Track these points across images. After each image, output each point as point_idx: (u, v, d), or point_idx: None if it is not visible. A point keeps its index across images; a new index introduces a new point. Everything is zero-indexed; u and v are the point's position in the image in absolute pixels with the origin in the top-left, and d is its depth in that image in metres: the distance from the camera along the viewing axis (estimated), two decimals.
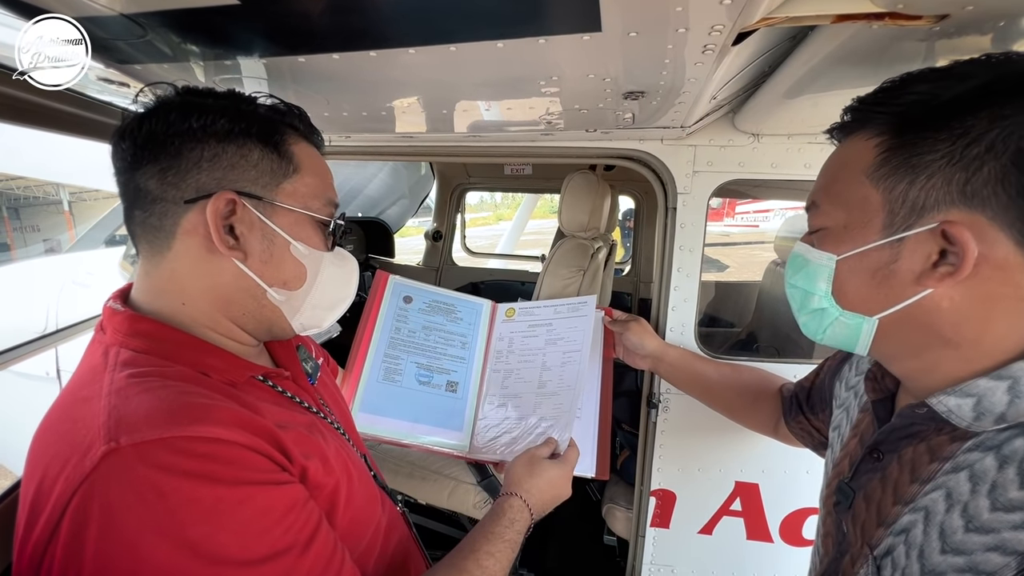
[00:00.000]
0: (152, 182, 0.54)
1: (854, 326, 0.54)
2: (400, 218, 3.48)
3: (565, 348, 1.21)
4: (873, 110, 0.52)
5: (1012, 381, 0.46)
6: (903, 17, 0.54)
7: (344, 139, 1.31)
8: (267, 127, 0.57)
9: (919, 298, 0.48)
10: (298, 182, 0.59)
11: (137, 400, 0.46)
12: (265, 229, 0.57)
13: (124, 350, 0.52)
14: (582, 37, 0.59)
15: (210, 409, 0.47)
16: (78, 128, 0.93)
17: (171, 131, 0.53)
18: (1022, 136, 0.42)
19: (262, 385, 0.61)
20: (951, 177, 0.45)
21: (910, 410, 0.54)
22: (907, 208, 0.48)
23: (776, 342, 2.02)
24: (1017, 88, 0.43)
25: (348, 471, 0.61)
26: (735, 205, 12.70)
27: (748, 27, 0.57)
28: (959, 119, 0.45)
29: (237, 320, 0.59)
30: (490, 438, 1.13)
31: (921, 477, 0.52)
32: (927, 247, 0.47)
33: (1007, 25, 0.55)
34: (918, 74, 0.49)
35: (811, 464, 1.13)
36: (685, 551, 1.39)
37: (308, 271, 0.60)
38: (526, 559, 1.83)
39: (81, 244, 3.57)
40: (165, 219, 0.54)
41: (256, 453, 0.48)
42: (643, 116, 1.00)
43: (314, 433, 0.59)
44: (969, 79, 0.45)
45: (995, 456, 0.46)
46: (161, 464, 0.42)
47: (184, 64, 0.75)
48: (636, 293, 3.04)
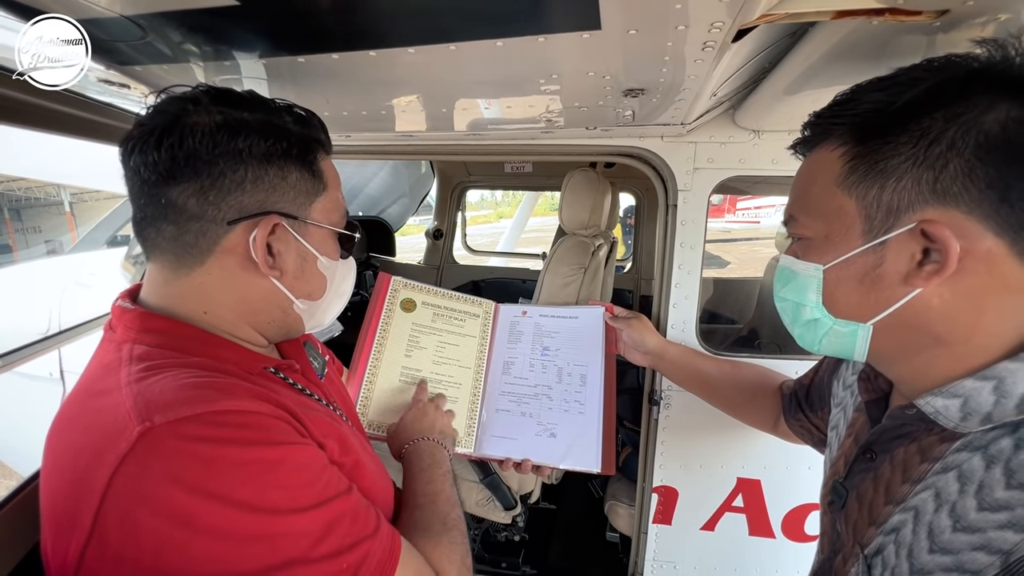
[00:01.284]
0: (191, 200, 0.52)
1: (849, 334, 0.54)
2: (401, 217, 3.48)
3: (572, 354, 1.22)
4: (831, 122, 0.53)
5: (997, 381, 0.46)
6: (903, 13, 0.54)
7: (344, 138, 1.32)
8: (304, 147, 0.58)
9: (909, 299, 0.48)
10: (326, 199, 0.61)
11: (161, 385, 0.47)
12: (299, 247, 0.59)
13: (138, 345, 0.53)
14: (582, 35, 0.59)
15: (232, 388, 0.50)
16: (79, 130, 0.94)
17: (217, 151, 0.52)
18: (980, 130, 0.43)
19: (274, 377, 0.62)
20: (919, 177, 0.46)
21: (900, 411, 0.54)
22: (883, 212, 0.48)
23: (778, 338, 2.02)
24: (965, 87, 0.44)
25: (364, 454, 0.62)
26: (736, 201, 12.67)
27: (748, 24, 0.57)
28: (916, 121, 0.46)
29: (260, 328, 0.61)
30: (494, 437, 1.13)
31: (912, 477, 0.52)
32: (910, 247, 0.47)
33: (1008, 20, 0.55)
34: (868, 84, 0.50)
35: (813, 460, 1.14)
36: (687, 547, 1.39)
37: (328, 281, 0.64)
38: (529, 556, 1.84)
39: (83, 245, 3.57)
40: (203, 237, 0.54)
41: (282, 421, 0.50)
42: (643, 113, 1.00)
43: (329, 418, 0.60)
44: (919, 83, 0.46)
45: (982, 456, 0.46)
46: (199, 436, 0.44)
47: (184, 65, 0.75)
48: (637, 290, 3.04)
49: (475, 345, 1.23)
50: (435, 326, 1.21)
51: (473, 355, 1.22)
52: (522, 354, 1.23)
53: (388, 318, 1.18)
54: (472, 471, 1.54)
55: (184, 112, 0.53)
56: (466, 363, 1.20)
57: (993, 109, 0.43)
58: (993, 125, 0.43)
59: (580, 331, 1.24)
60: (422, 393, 1.06)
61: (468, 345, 1.22)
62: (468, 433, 1.13)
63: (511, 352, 1.24)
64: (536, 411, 1.16)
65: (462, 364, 1.20)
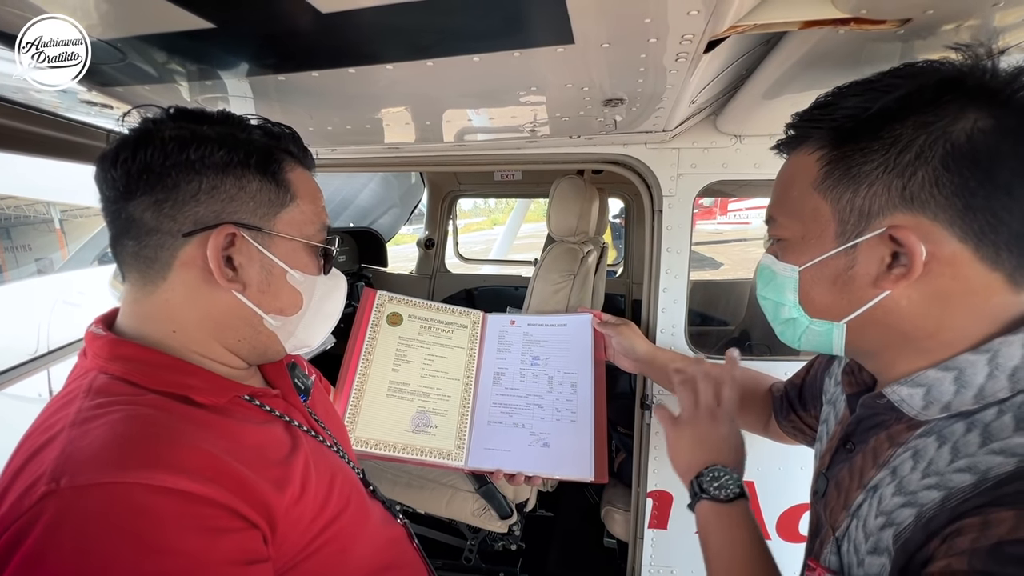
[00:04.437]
0: (147, 213, 0.52)
1: (824, 332, 0.55)
2: (392, 227, 3.49)
3: (562, 362, 1.22)
4: (811, 125, 0.54)
5: (958, 372, 0.48)
6: (867, 22, 0.55)
7: (331, 152, 1.32)
8: (265, 156, 0.57)
9: (879, 300, 0.50)
10: (295, 210, 0.59)
11: (94, 435, 0.45)
12: (263, 260, 0.57)
13: (101, 375, 0.52)
14: (556, 49, 0.60)
15: (169, 449, 0.46)
16: (61, 152, 0.94)
17: (168, 162, 0.52)
18: (947, 140, 0.44)
19: (248, 405, 0.60)
20: (890, 184, 0.47)
21: (872, 400, 0.56)
22: (855, 216, 0.50)
23: (768, 340, 2.03)
24: (936, 95, 0.45)
25: (333, 487, 0.61)
26: (727, 203, 12.76)
27: (718, 35, 0.59)
28: (888, 128, 0.47)
29: (231, 346, 0.59)
30: (486, 449, 1.13)
31: (879, 462, 0.55)
32: (879, 251, 0.49)
33: (967, 28, 0.57)
34: (848, 88, 0.52)
35: (805, 461, 1.14)
36: (684, 552, 1.39)
37: (303, 296, 0.61)
38: (527, 565, 1.83)
39: (73, 263, 3.55)
40: (161, 251, 0.54)
41: (204, 504, 0.45)
42: (625, 121, 1.01)
43: (296, 455, 0.58)
44: (893, 90, 0.47)
45: (936, 438, 0.49)
46: (91, 513, 0.41)
47: (169, 85, 0.76)
48: (629, 295, 3.05)
49: (464, 356, 1.23)
50: (422, 339, 1.21)
51: (462, 367, 1.22)
52: (512, 364, 1.24)
53: (374, 333, 1.18)
54: (467, 481, 1.53)
55: (145, 130, 0.53)
56: (455, 375, 1.20)
57: (961, 118, 0.44)
58: (960, 135, 0.44)
59: (569, 339, 1.25)
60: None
61: (456, 357, 1.22)
62: (459, 446, 1.13)
63: (501, 362, 1.24)
64: (528, 421, 1.16)
65: (451, 376, 1.20)
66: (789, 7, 0.56)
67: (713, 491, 0.67)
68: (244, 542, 0.47)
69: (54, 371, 1.19)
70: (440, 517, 1.58)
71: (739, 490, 0.67)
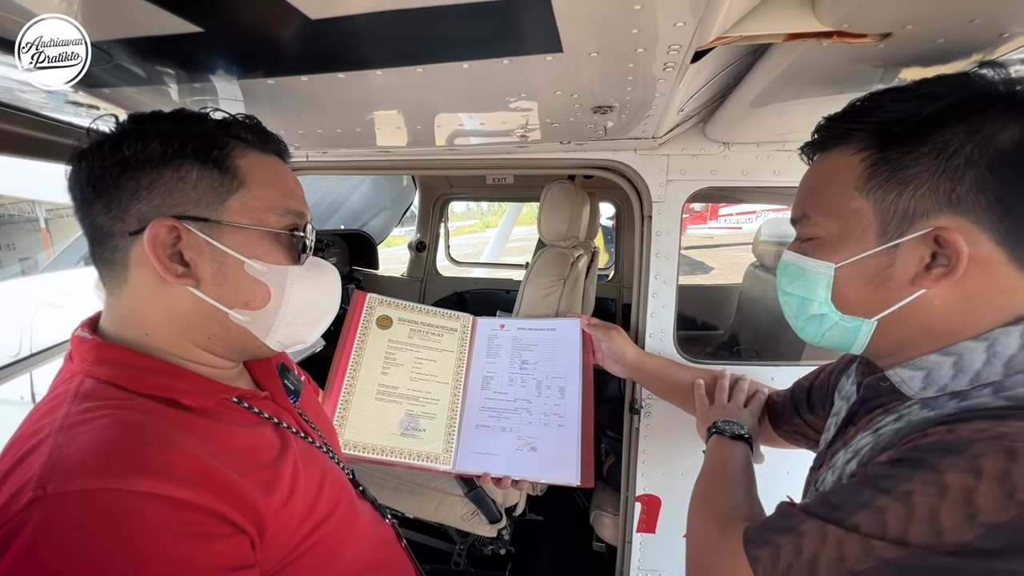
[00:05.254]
0: (101, 217, 0.53)
1: (853, 328, 0.58)
2: (383, 229, 3.48)
3: (551, 366, 1.23)
4: (850, 127, 0.55)
5: (957, 357, 0.51)
6: (849, 35, 0.57)
7: (321, 155, 1.32)
8: (204, 144, 0.55)
9: (913, 298, 0.52)
10: (246, 196, 0.56)
11: (82, 440, 0.45)
12: (214, 251, 0.55)
13: (89, 379, 0.51)
14: (545, 58, 0.60)
15: (156, 454, 0.46)
16: (46, 153, 0.92)
17: (107, 163, 0.52)
18: (995, 148, 0.47)
19: (237, 407, 0.59)
20: (938, 187, 0.49)
21: (875, 382, 0.59)
22: (899, 217, 0.52)
23: (756, 344, 2.05)
24: (985, 105, 0.48)
25: (323, 489, 0.61)
26: (718, 208, 12.87)
27: (704, 46, 0.59)
28: (937, 134, 0.49)
29: (204, 345, 0.58)
30: (474, 453, 1.13)
31: (869, 429, 0.58)
32: (920, 251, 0.51)
33: (943, 44, 0.58)
34: (890, 93, 0.53)
35: (792, 464, 1.15)
36: (672, 555, 1.39)
37: (271, 288, 0.58)
38: (516, 569, 1.83)
39: (57, 263, 3.49)
40: (116, 253, 0.54)
41: (192, 510, 0.45)
42: (615, 128, 1.02)
43: (285, 457, 0.58)
44: (940, 98, 0.49)
45: (922, 405, 0.53)
46: (78, 520, 0.41)
47: (157, 87, 0.75)
48: (620, 299, 3.06)
49: (453, 360, 1.23)
50: (412, 342, 1.21)
51: (451, 370, 1.22)
52: (501, 368, 1.24)
53: (364, 336, 1.18)
54: (456, 485, 1.53)
55: (94, 140, 0.54)
56: (444, 378, 1.20)
57: (1007, 129, 0.47)
58: (1007, 143, 0.47)
59: (558, 343, 1.26)
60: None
61: (446, 360, 1.22)
62: (447, 450, 1.13)
63: (490, 366, 1.24)
64: (516, 425, 1.16)
65: (440, 380, 1.20)
66: (774, 20, 0.58)
67: (722, 425, 0.86)
68: (232, 548, 0.47)
69: (37, 374, 1.17)
70: (429, 521, 1.58)
71: (743, 433, 0.83)
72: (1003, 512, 0.39)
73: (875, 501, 0.46)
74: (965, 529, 0.41)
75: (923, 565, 0.42)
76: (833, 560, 0.47)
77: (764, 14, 0.57)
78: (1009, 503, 0.39)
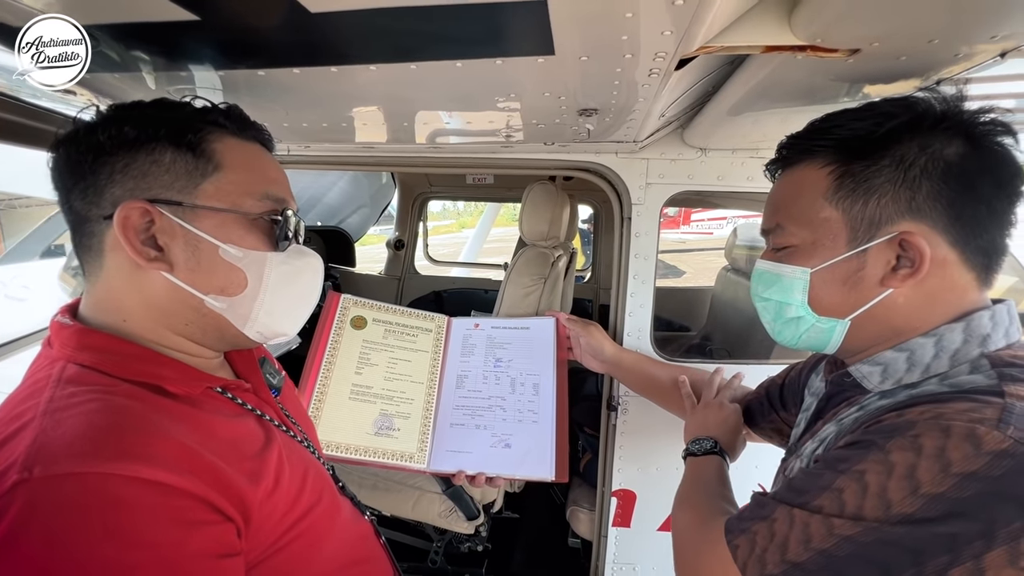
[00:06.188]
0: (78, 203, 0.54)
1: (828, 329, 0.62)
2: (361, 227, 3.44)
3: (525, 364, 1.25)
4: (815, 144, 0.61)
5: (910, 352, 0.57)
6: (821, 50, 0.61)
7: (304, 149, 1.30)
8: (179, 127, 0.54)
9: (882, 298, 0.57)
10: (221, 180, 0.55)
11: (68, 424, 0.44)
12: (188, 235, 0.54)
13: (71, 365, 0.50)
14: (536, 59, 0.62)
15: (145, 439, 0.45)
16: (15, 136, 0.89)
17: (82, 148, 0.52)
18: (944, 160, 0.54)
19: (221, 397, 0.59)
20: (899, 195, 0.55)
21: (839, 378, 0.65)
22: (866, 223, 0.57)
23: (727, 344, 2.12)
24: (934, 123, 0.55)
25: (306, 482, 0.61)
26: (691, 214, 13.16)
27: (688, 54, 0.62)
28: (896, 148, 0.55)
29: (182, 332, 0.57)
30: (448, 451, 1.14)
31: (834, 420, 0.63)
32: (886, 254, 0.56)
33: (906, 61, 0.63)
34: (847, 113, 0.59)
35: (760, 459, 1.20)
36: (646, 549, 1.43)
37: (248, 274, 0.57)
38: (493, 566, 1.84)
39: (14, 255, 3.32)
40: (93, 239, 0.54)
41: (180, 496, 0.45)
42: (598, 131, 1.05)
43: (269, 449, 0.58)
44: (895, 117, 0.56)
45: (880, 396, 0.59)
46: (64, 503, 0.40)
47: (136, 74, 0.74)
48: (597, 299, 3.12)
49: (427, 360, 1.24)
50: (386, 342, 1.21)
51: (426, 370, 1.22)
52: (475, 367, 1.25)
53: (338, 336, 1.18)
54: (434, 483, 1.53)
55: (72, 128, 0.55)
56: (419, 378, 1.21)
57: (952, 143, 0.54)
58: (953, 156, 0.53)
59: (532, 341, 1.28)
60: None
61: (420, 360, 1.23)
62: (421, 449, 1.13)
63: (464, 365, 1.26)
64: (490, 423, 1.18)
65: (414, 379, 1.20)
66: (754, 32, 0.61)
67: (693, 448, 0.91)
68: (218, 535, 0.47)
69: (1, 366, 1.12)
70: (406, 519, 1.57)
71: (711, 448, 0.89)
72: (940, 483, 0.44)
73: (834, 483, 0.51)
74: (909, 501, 0.45)
75: (877, 537, 0.47)
76: (801, 541, 0.51)
77: (745, 26, 0.61)
78: (945, 475, 0.44)
